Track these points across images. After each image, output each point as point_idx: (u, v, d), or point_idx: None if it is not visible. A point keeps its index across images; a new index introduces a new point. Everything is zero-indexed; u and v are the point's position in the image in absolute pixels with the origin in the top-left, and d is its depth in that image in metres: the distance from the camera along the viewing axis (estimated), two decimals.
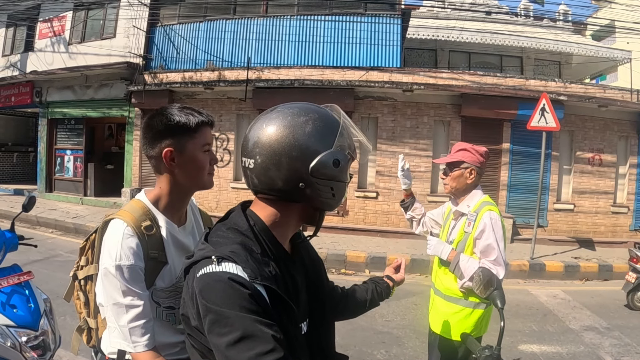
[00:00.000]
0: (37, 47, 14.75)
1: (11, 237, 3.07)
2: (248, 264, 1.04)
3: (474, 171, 2.82)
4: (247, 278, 1.01)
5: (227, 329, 0.96)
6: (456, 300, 2.75)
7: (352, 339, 4.85)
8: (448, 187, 2.91)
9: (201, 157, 1.63)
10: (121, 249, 1.50)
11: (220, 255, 1.04)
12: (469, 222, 2.75)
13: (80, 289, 1.84)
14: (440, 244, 2.82)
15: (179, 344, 1.67)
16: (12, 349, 2.59)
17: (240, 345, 0.95)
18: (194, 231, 1.81)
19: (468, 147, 2.87)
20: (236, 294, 0.98)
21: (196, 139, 1.61)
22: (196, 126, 1.59)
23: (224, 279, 1.00)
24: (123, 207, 1.67)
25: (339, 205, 1.21)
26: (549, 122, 8.49)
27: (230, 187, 11.64)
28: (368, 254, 8.37)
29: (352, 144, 1.19)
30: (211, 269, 1.03)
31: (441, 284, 2.86)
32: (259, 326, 0.97)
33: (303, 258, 1.32)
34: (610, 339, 5.26)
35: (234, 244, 1.08)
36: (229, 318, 0.97)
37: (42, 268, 6.51)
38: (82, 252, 1.83)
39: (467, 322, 2.71)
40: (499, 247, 2.63)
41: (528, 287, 7.52)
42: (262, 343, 0.95)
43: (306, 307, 1.25)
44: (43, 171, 14.60)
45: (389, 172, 10.85)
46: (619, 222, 11.01)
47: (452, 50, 15.63)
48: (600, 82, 17.25)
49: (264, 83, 11.01)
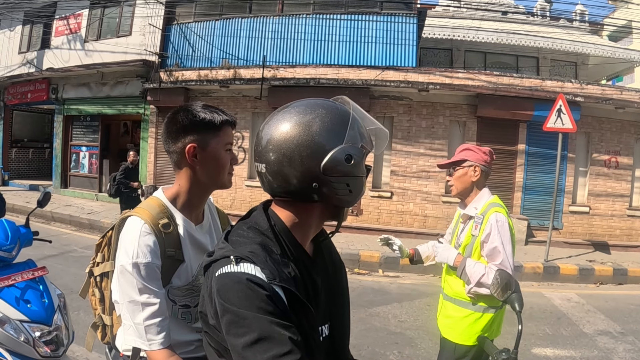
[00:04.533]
0: (53, 45, 14.89)
1: (26, 232, 3.07)
2: (267, 265, 1.03)
3: (478, 169, 2.76)
4: (265, 279, 1.00)
5: (244, 330, 0.96)
6: (465, 305, 2.72)
7: (365, 340, 4.86)
8: (454, 188, 2.87)
9: (223, 156, 1.65)
10: (138, 247, 1.51)
11: (239, 256, 1.03)
12: (475, 225, 2.71)
13: (95, 286, 1.84)
14: (446, 250, 2.80)
15: (194, 342, 1.68)
16: (26, 344, 2.59)
17: (257, 346, 0.94)
18: (211, 230, 1.81)
19: (471, 147, 2.84)
20: (254, 295, 0.98)
21: (220, 137, 1.63)
22: (220, 124, 1.62)
23: (242, 279, 0.99)
24: (140, 204, 1.67)
25: (358, 200, 1.18)
26: (565, 124, 8.42)
27: (245, 185, 11.70)
28: (382, 254, 8.35)
29: (366, 135, 1.16)
30: (229, 269, 1.02)
31: (450, 288, 2.84)
32: (276, 328, 0.96)
33: (325, 260, 1.30)
34: (624, 344, 5.21)
35: (254, 244, 1.07)
36: (246, 319, 0.96)
37: (57, 263, 6.59)
38: (98, 249, 1.84)
39: (476, 326, 2.67)
40: (504, 251, 2.58)
41: (542, 290, 7.47)
42: (278, 345, 0.95)
43: (327, 310, 1.23)
44: (58, 167, 14.77)
45: (403, 172, 10.83)
46: (635, 225, 10.88)
47: (467, 50, 15.53)
48: (617, 83, 17.10)
49: (280, 82, 11.04)
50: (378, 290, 6.90)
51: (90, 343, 1.95)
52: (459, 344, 2.70)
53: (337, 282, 1.32)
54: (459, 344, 2.70)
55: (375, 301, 6.25)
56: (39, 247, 3.28)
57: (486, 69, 14.01)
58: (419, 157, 10.80)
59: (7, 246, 2.83)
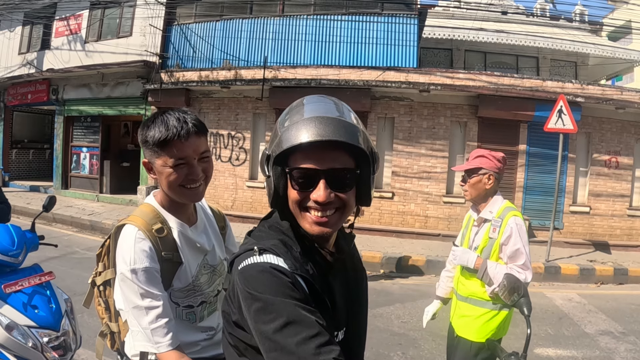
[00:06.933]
0: (53, 45, 14.86)
1: (32, 237, 3.08)
2: (288, 257, 1.06)
3: (492, 177, 2.84)
4: (288, 269, 1.03)
5: (273, 315, 0.97)
6: (482, 304, 2.81)
7: (369, 341, 4.74)
8: (467, 194, 2.95)
9: (166, 174, 1.58)
10: (134, 253, 1.53)
11: (262, 247, 1.06)
12: (493, 228, 2.80)
13: (99, 295, 1.86)
14: (465, 253, 2.87)
15: (200, 342, 1.70)
16: (34, 350, 2.61)
17: (286, 330, 0.96)
18: (206, 229, 1.82)
19: (485, 154, 2.89)
20: (279, 282, 1.00)
21: (162, 156, 1.57)
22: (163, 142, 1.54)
23: (266, 268, 1.02)
24: (133, 212, 1.69)
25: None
26: (566, 124, 8.43)
27: (246, 185, 11.68)
28: (383, 254, 8.38)
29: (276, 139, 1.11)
30: (254, 260, 1.05)
31: (465, 289, 2.91)
32: (302, 312, 0.98)
33: (346, 266, 1.30)
34: (626, 344, 5.23)
35: (275, 240, 1.10)
36: (274, 305, 0.98)
37: (59, 265, 6.56)
38: (99, 259, 1.85)
39: (491, 323, 2.78)
40: (526, 252, 2.71)
41: (543, 290, 7.49)
42: (308, 327, 0.96)
43: (344, 316, 1.23)
44: (59, 168, 14.73)
45: (404, 173, 10.84)
46: (635, 225, 10.90)
47: (468, 50, 15.54)
48: (616, 82, 17.12)
49: (281, 82, 11.03)
50: (380, 291, 6.91)
51: (100, 352, 1.96)
52: (475, 341, 2.79)
53: (357, 289, 1.34)
54: (475, 342, 2.79)
55: (377, 302, 6.26)
56: (41, 249, 3.27)
57: (486, 69, 14.03)
58: (420, 157, 10.81)
59: (13, 252, 2.83)
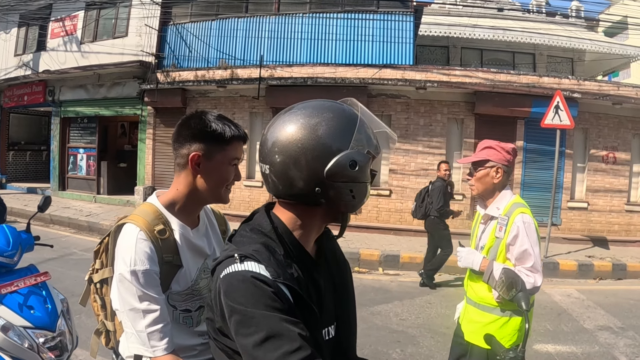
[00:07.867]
0: (49, 47, 14.82)
1: (27, 237, 3.06)
2: (270, 263, 1.02)
3: (501, 170, 2.63)
4: (270, 277, 0.99)
5: (253, 329, 0.95)
6: (491, 310, 2.64)
7: (367, 338, 4.85)
8: (474, 188, 2.74)
9: (226, 170, 1.63)
10: (135, 254, 1.50)
11: (242, 254, 1.03)
12: (500, 227, 2.60)
13: (96, 293, 1.84)
14: (470, 255, 2.71)
15: (197, 346, 1.68)
16: (30, 350, 2.59)
17: (266, 345, 0.94)
18: (207, 233, 1.80)
19: (493, 145, 2.67)
20: (260, 293, 0.97)
21: (226, 151, 1.61)
22: (230, 138, 1.59)
23: (247, 277, 0.99)
24: (135, 210, 1.66)
25: (362, 206, 1.17)
26: (563, 120, 8.43)
27: (244, 185, 11.67)
28: (382, 252, 8.38)
29: (373, 140, 1.13)
30: (234, 268, 1.01)
31: (474, 293, 2.74)
32: (284, 324, 0.95)
33: (328, 261, 1.28)
34: (625, 339, 5.24)
35: (257, 244, 1.07)
36: (254, 318, 0.95)
37: (57, 266, 6.55)
38: (96, 256, 1.83)
39: (504, 331, 2.59)
40: (534, 253, 2.50)
41: (542, 286, 7.43)
42: (288, 342, 0.94)
43: (332, 311, 1.22)
44: (56, 169, 14.70)
45: (402, 170, 10.86)
46: (633, 220, 10.92)
47: (464, 47, 15.53)
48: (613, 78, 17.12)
49: (277, 81, 11.03)
50: (379, 288, 6.91)
51: (94, 350, 1.94)
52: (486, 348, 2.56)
53: (342, 282, 1.32)
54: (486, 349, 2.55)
55: (376, 300, 6.26)
56: (39, 250, 3.27)
57: (483, 66, 14.04)
58: (417, 155, 10.81)
59: (8, 252, 2.82)
